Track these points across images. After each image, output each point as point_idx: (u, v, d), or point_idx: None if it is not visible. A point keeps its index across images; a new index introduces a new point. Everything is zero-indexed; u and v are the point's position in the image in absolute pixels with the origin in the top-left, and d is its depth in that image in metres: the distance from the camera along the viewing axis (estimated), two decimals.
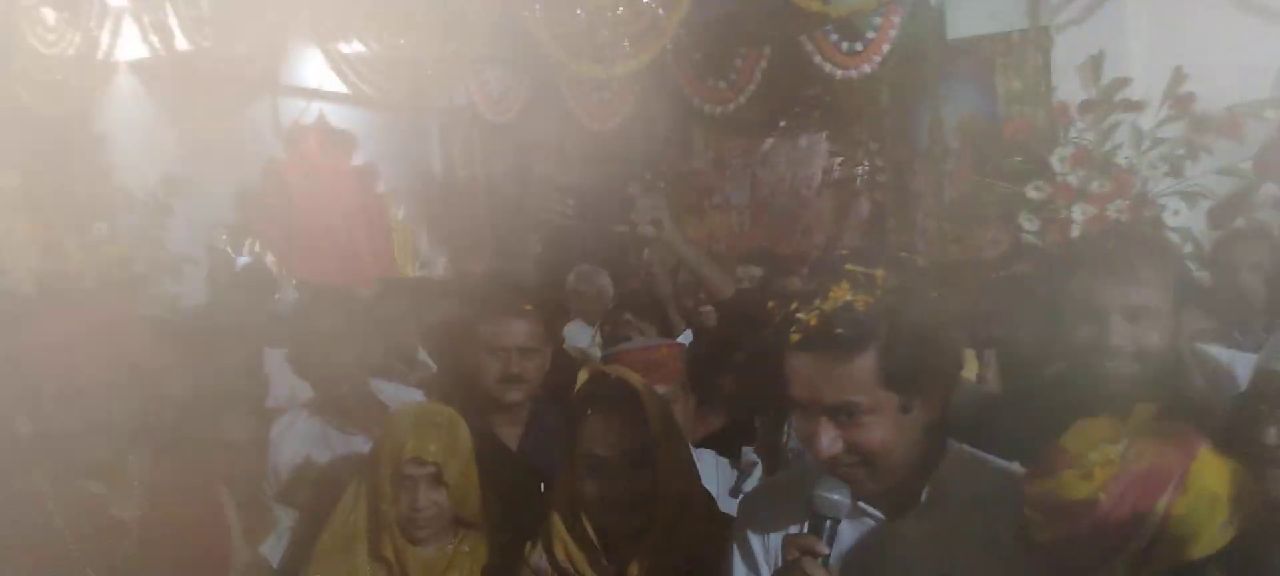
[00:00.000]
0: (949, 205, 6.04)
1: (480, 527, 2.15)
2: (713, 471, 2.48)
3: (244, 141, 6.48)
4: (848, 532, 1.49)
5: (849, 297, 1.40)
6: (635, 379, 1.88)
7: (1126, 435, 1.31)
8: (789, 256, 7.19)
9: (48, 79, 5.78)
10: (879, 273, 1.44)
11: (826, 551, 1.40)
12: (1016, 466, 1.53)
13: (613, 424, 1.81)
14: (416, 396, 2.83)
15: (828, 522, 1.42)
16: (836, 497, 1.42)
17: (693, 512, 1.88)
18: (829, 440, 1.41)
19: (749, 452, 2.58)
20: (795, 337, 1.40)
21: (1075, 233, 3.93)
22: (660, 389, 2.44)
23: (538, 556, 1.91)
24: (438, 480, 2.05)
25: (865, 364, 1.38)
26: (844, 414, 1.40)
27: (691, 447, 2.37)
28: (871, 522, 1.50)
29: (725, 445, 2.61)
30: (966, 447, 1.56)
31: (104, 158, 6.15)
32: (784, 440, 2.65)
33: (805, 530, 1.43)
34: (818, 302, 1.41)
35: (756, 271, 4.70)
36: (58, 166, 6.25)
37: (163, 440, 2.23)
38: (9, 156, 6.32)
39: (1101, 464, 1.29)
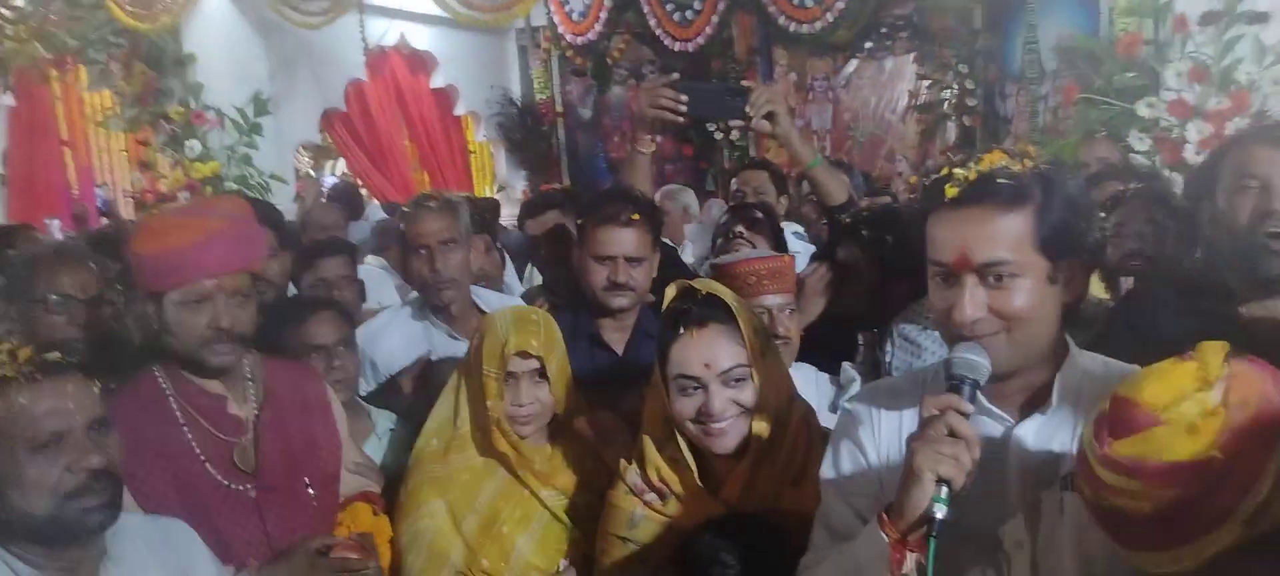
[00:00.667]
0: (1046, 128, 5.83)
1: (571, 425, 2.16)
2: (813, 386, 2.44)
3: (329, 62, 6.55)
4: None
5: (1004, 160, 1.37)
6: (727, 293, 1.81)
7: (1216, 379, 1.17)
8: (877, 179, 7.07)
9: None
10: (1030, 148, 1.40)
11: (971, 408, 1.33)
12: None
13: (705, 342, 1.74)
14: (516, 303, 2.86)
15: (967, 386, 1.35)
16: (977, 358, 1.35)
17: (791, 428, 1.84)
18: (974, 304, 1.36)
19: (849, 368, 2.54)
20: (952, 192, 1.35)
21: (1188, 152, 3.75)
22: (779, 299, 2.40)
23: (633, 474, 1.90)
24: (540, 375, 2.06)
25: (1021, 222, 1.34)
26: (993, 274, 1.36)
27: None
28: (994, 425, 1.45)
29: (826, 361, 2.57)
30: (1088, 352, 1.51)
31: (195, 77, 6.29)
32: (886, 358, 2.61)
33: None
34: (973, 164, 1.37)
35: None
36: (150, 86, 6.41)
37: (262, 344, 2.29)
38: (105, 75, 6.50)
39: (1203, 415, 1.15)
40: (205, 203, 1.89)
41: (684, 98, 2.41)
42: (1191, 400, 1.15)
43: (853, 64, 7.54)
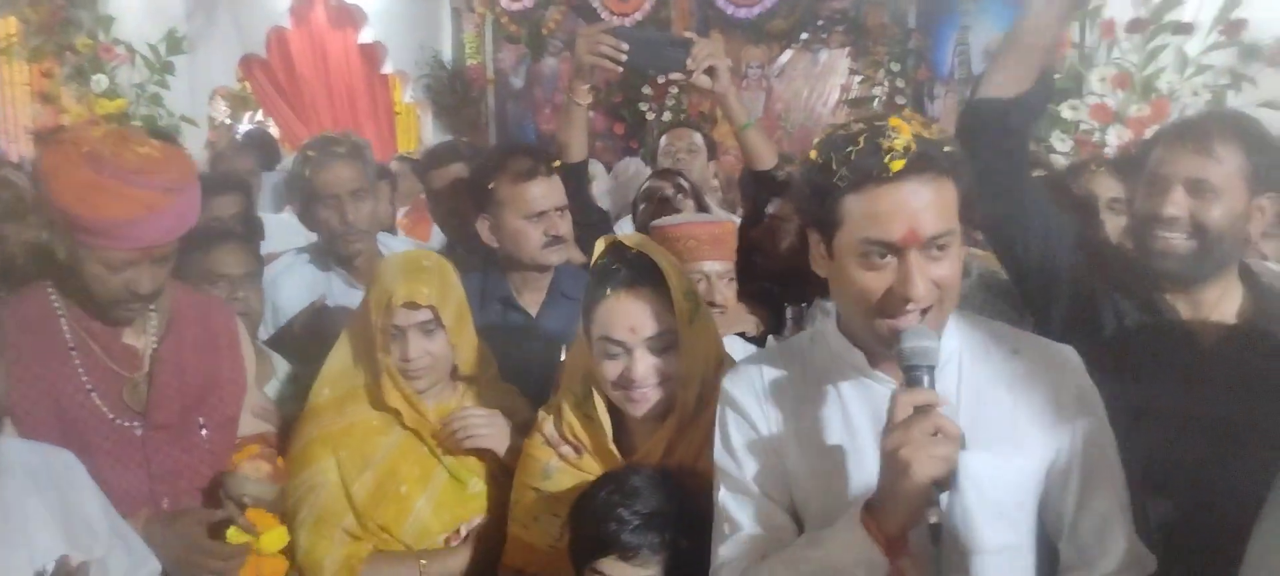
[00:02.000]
0: None
1: (478, 383, 2.08)
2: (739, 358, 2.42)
3: (249, 5, 6.29)
4: (855, 399, 1.43)
5: (915, 127, 1.29)
6: (659, 255, 1.72)
7: None
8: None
9: None
10: (914, 114, 1.35)
11: (945, 400, 1.28)
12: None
13: (632, 305, 1.66)
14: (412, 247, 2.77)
15: (925, 374, 1.29)
16: (928, 343, 1.30)
17: (717, 398, 1.79)
18: (925, 280, 1.30)
19: (774, 342, 2.51)
20: (898, 165, 1.26)
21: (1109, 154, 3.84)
22: (718, 265, 2.34)
23: (550, 425, 1.84)
24: (432, 326, 1.95)
25: (954, 188, 1.32)
26: (936, 246, 1.31)
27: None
28: (885, 392, 1.37)
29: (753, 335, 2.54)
30: (966, 312, 1.52)
31: (106, 9, 5.97)
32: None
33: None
34: (892, 135, 1.28)
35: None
36: (57, 15, 6.06)
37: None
38: (8, 1, 6.13)
39: None
40: (152, 166, 1.70)
41: (624, 45, 2.32)
42: None
43: (787, 54, 7.57)
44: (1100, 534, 1.43)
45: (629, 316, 1.66)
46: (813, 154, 1.37)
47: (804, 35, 7.49)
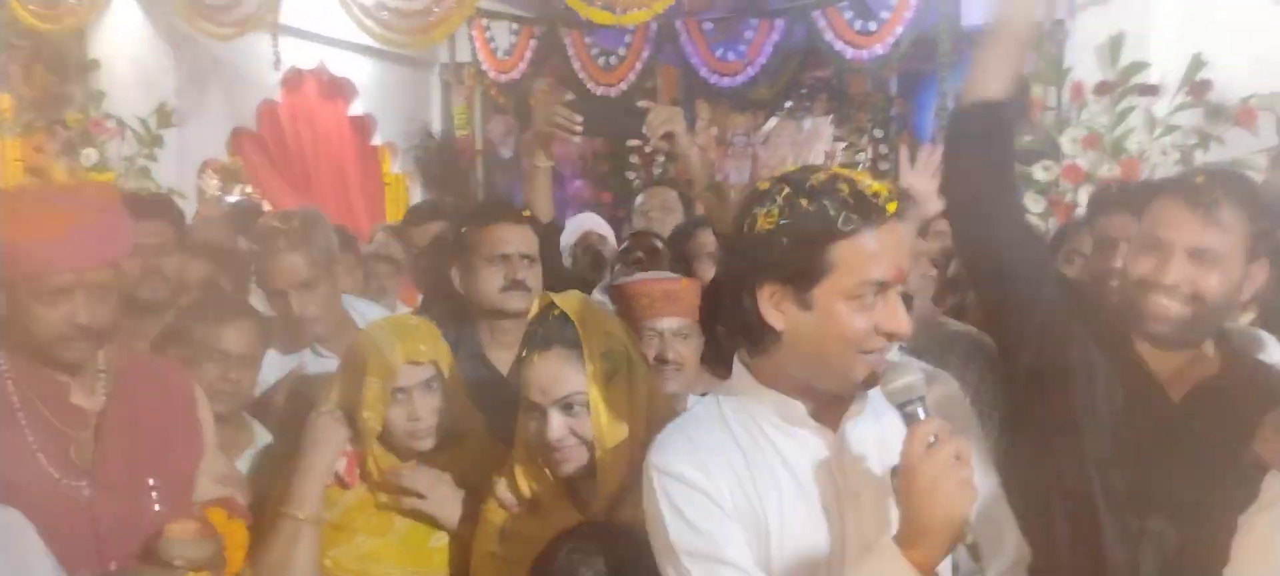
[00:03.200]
0: None
1: (464, 441, 2.08)
2: None
3: (241, 80, 6.38)
4: (795, 453, 1.43)
5: (858, 176, 1.36)
6: (577, 312, 1.71)
7: None
8: None
9: None
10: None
11: (949, 427, 1.29)
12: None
13: (545, 366, 1.68)
14: (386, 314, 2.75)
15: (919, 405, 1.31)
16: (912, 379, 1.32)
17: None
18: (905, 319, 1.36)
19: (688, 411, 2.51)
20: (893, 208, 1.32)
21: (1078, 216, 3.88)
22: (674, 322, 2.26)
23: (502, 487, 1.83)
24: (435, 383, 1.97)
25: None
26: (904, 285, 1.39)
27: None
28: (815, 440, 1.43)
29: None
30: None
31: (97, 84, 6.07)
32: None
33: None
34: (859, 181, 1.33)
35: None
36: (50, 91, 6.17)
37: (152, 339, 2.15)
38: (3, 76, 6.23)
39: None
40: (70, 189, 1.76)
41: (578, 117, 2.39)
42: None
43: (772, 121, 7.66)
44: (993, 530, 1.49)
45: (541, 378, 1.68)
46: (770, 214, 1.35)
47: (788, 103, 7.59)
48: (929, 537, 1.26)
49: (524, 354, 1.71)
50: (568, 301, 1.74)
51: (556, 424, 1.67)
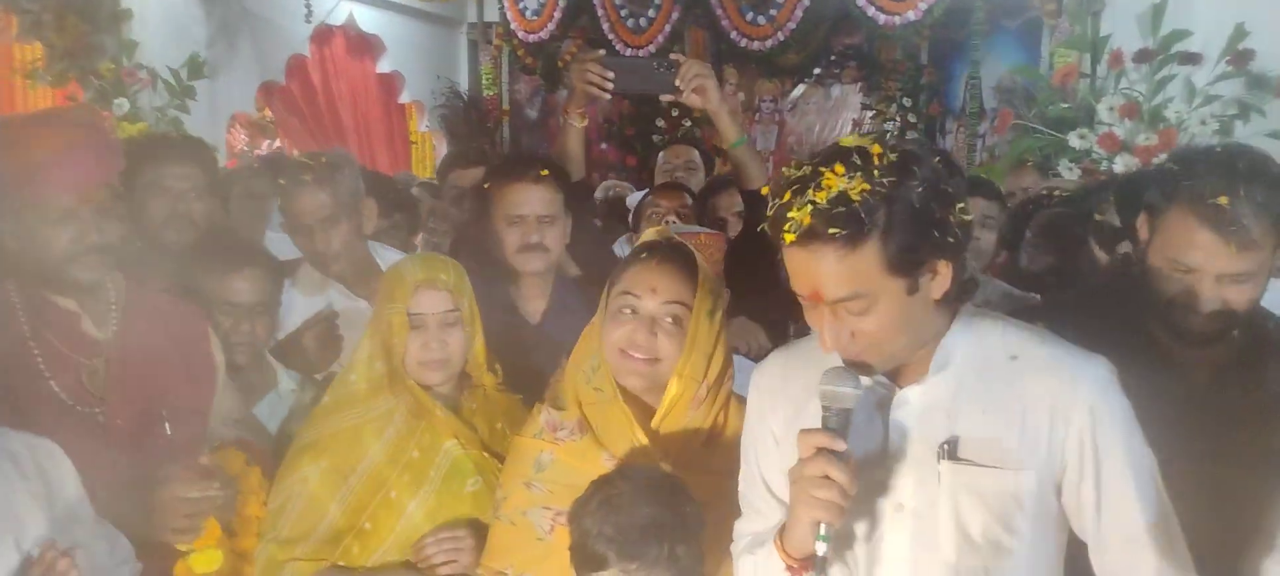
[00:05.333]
0: (982, 165, 5.93)
1: (484, 387, 2.09)
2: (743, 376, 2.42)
3: (271, 33, 6.40)
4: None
5: (844, 184, 1.29)
6: (699, 257, 1.81)
7: None
8: None
9: None
10: (876, 148, 1.32)
11: (843, 446, 1.34)
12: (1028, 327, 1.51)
13: (661, 272, 1.75)
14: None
15: (834, 415, 1.37)
16: (844, 389, 1.36)
17: (722, 384, 1.81)
18: (835, 335, 1.36)
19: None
20: (790, 238, 1.32)
21: None
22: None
23: (546, 415, 1.85)
24: (453, 319, 1.98)
25: (867, 254, 1.30)
26: (846, 308, 1.34)
27: None
28: (881, 389, 1.45)
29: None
30: (978, 310, 1.51)
31: (130, 34, 6.09)
32: None
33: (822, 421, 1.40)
34: (811, 192, 1.30)
35: None
36: (82, 40, 6.19)
37: (161, 284, 2.17)
38: (37, 25, 6.26)
39: None
40: (55, 113, 1.79)
41: (610, 73, 2.38)
42: None
43: (800, 88, 7.63)
44: (1126, 553, 1.43)
45: (656, 277, 1.74)
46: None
47: (817, 70, 7.55)
48: (791, 531, 1.42)
49: (640, 256, 1.78)
50: (691, 240, 1.86)
51: (652, 325, 1.74)
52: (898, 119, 7.32)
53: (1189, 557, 1.44)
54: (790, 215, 1.31)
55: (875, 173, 1.30)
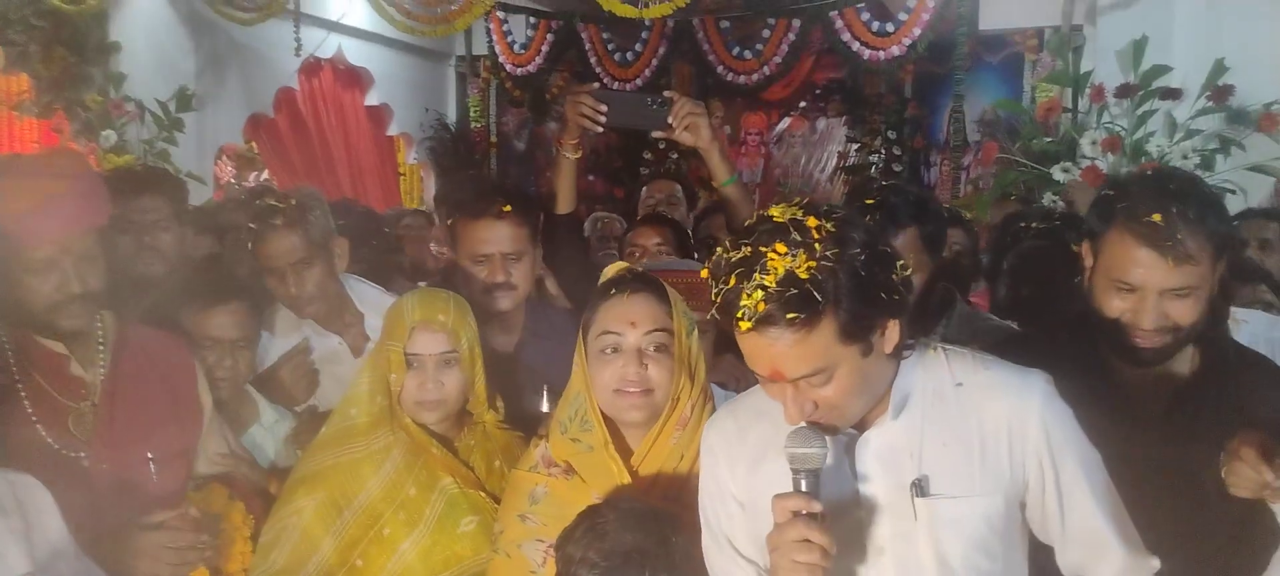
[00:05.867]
0: (965, 198, 5.99)
1: (485, 424, 2.08)
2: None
3: (260, 65, 6.41)
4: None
5: (789, 263, 1.30)
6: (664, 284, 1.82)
7: None
8: None
9: None
10: (811, 221, 1.32)
11: (819, 508, 1.35)
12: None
13: (634, 303, 1.75)
14: (390, 297, 2.70)
15: (805, 478, 1.38)
16: (811, 450, 1.37)
17: (706, 404, 1.80)
18: (799, 408, 1.38)
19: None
20: (746, 326, 1.32)
21: None
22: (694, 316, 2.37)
23: (541, 449, 1.85)
24: (451, 359, 1.97)
25: (823, 330, 1.32)
26: (807, 382, 1.36)
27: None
28: (843, 436, 1.47)
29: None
30: (934, 345, 1.54)
31: (117, 67, 6.08)
32: None
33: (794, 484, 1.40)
34: (758, 276, 1.30)
35: None
36: (69, 71, 6.18)
37: (145, 320, 2.16)
38: (24, 56, 6.24)
39: None
40: (40, 160, 1.78)
41: (603, 106, 2.38)
42: None
43: (785, 121, 7.69)
44: (1090, 546, 1.49)
45: (631, 310, 1.74)
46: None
47: (802, 104, 7.62)
48: None
49: (610, 293, 1.77)
50: (648, 270, 1.86)
51: (638, 358, 1.73)
52: (882, 151, 7.40)
53: (1136, 532, 1.51)
54: (743, 303, 1.31)
55: (816, 246, 1.31)
